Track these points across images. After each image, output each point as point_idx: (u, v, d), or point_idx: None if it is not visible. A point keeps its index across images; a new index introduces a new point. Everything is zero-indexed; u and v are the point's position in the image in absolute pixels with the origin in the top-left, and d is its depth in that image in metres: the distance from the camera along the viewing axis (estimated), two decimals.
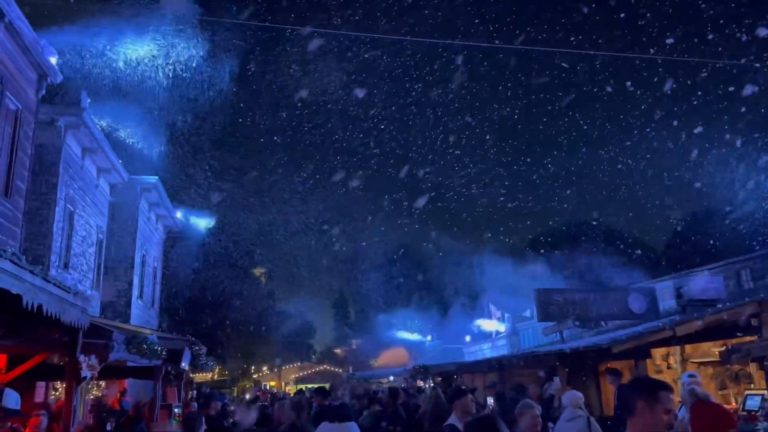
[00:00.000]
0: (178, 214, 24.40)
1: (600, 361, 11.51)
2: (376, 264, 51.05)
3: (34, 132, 11.88)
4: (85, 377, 6.61)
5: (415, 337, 37.76)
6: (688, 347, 12.21)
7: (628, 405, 2.87)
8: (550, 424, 7.40)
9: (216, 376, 35.93)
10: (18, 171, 11.12)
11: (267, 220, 37.52)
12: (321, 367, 52.25)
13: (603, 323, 15.31)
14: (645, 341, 10.86)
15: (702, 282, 13.83)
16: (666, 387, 2.91)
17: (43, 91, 12.21)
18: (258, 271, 42.20)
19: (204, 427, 5.99)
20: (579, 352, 11.28)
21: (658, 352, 12.47)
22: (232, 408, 11.96)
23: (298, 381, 47.92)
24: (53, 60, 12.08)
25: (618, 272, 19.58)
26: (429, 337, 36.04)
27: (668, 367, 12.62)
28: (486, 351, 25.20)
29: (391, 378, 29.85)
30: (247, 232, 35.66)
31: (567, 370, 11.57)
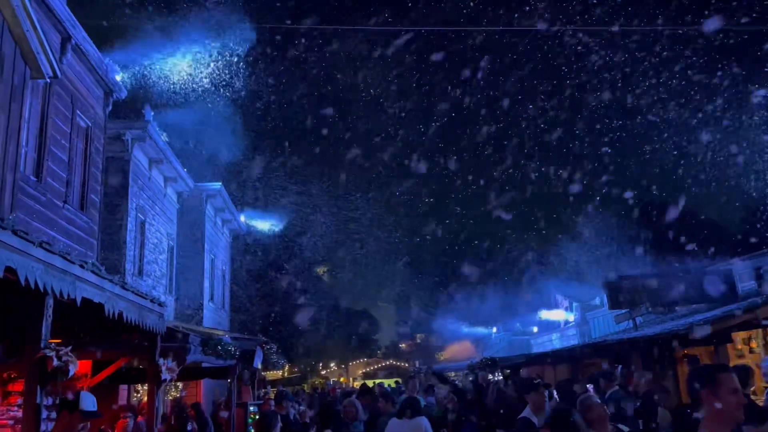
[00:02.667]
0: (243, 218, 25.06)
1: (677, 347, 11.08)
2: (439, 255, 50.89)
3: (103, 147, 12.43)
4: (165, 379, 6.87)
5: (480, 329, 37.44)
6: None
7: (695, 399, 2.82)
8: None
9: (286, 374, 36.73)
10: (91, 185, 11.66)
11: (330, 220, 37.98)
12: (387, 362, 52.57)
13: (677, 308, 14.73)
14: (724, 325, 10.38)
15: None
16: (725, 368, 2.84)
17: (110, 107, 12.76)
18: (321, 270, 42.81)
19: (280, 424, 6.11)
20: (654, 339, 10.90)
21: (738, 336, 11.90)
22: (302, 408, 12.14)
23: (365, 376, 48.38)
24: (118, 77, 12.60)
25: (692, 254, 18.78)
26: (495, 329, 35.65)
27: (750, 351, 12.05)
28: (555, 341, 24.72)
29: (452, 374, 29.67)
30: (311, 232, 36.21)
31: (641, 358, 11.21)
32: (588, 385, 9.73)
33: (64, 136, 10.51)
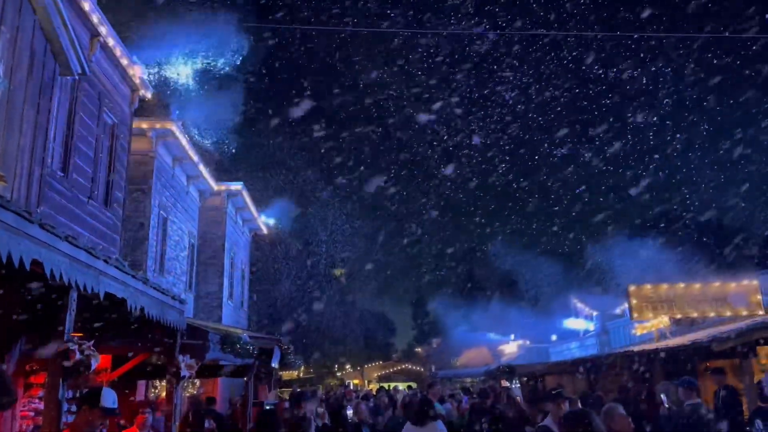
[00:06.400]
0: (263, 218, 25.18)
1: (700, 360, 10.88)
2: (458, 260, 50.67)
3: (129, 144, 12.57)
4: (184, 376, 6.89)
5: (496, 336, 37.13)
6: None
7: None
8: None
9: (302, 374, 36.78)
10: (116, 182, 11.79)
11: (350, 222, 37.97)
12: (403, 366, 52.40)
13: (700, 320, 14.47)
14: (750, 338, 10.18)
15: None
16: None
17: (136, 105, 12.89)
18: (339, 272, 42.87)
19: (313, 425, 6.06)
20: (676, 350, 10.71)
21: (763, 351, 11.66)
22: (320, 410, 12.13)
23: (380, 379, 48.27)
24: (144, 74, 12.73)
25: (717, 265, 18.46)
26: (512, 336, 35.32)
27: None
28: (574, 350, 24.43)
29: (468, 380, 29.48)
30: (330, 235, 36.25)
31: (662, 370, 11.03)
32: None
33: (91, 133, 10.63)
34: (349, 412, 11.11)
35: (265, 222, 25.57)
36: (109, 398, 4.60)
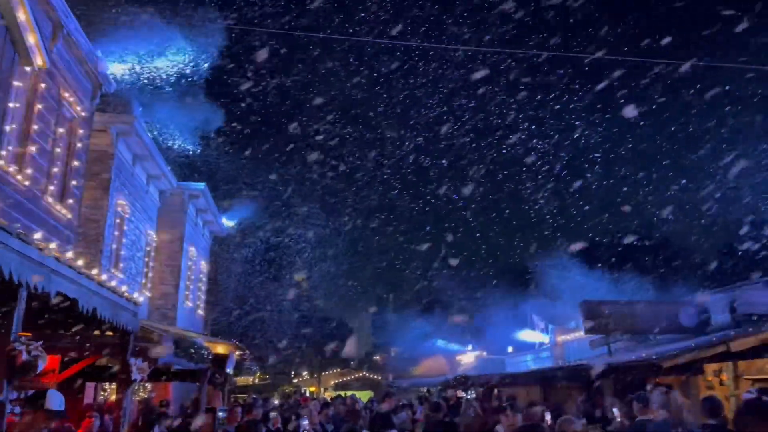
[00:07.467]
0: (225, 221, 24.85)
1: (649, 376, 11.16)
2: (418, 271, 50.88)
3: (88, 139, 12.28)
4: (135, 379, 6.75)
5: (454, 346, 37.41)
6: (741, 363, 11.74)
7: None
8: None
9: (257, 381, 36.33)
10: (73, 177, 11.49)
11: (311, 228, 37.83)
12: (360, 374, 52.24)
13: (652, 337, 14.86)
14: (697, 356, 10.49)
15: (757, 295, 13.29)
16: None
17: (98, 100, 12.62)
18: (300, 278, 42.58)
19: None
20: (627, 366, 10.97)
21: (709, 368, 12.03)
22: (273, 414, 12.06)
23: (338, 387, 48.02)
24: (107, 70, 12.48)
25: (667, 284, 19.00)
26: (470, 347, 35.63)
27: (720, 384, 12.16)
28: (529, 362, 24.77)
29: (424, 389, 29.59)
30: (290, 239, 36.05)
31: (613, 384, 11.27)
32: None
33: (49, 126, 10.36)
34: (305, 423, 11.04)
35: (226, 225, 25.23)
36: (55, 400, 4.48)
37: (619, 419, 9.51)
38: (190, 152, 25.59)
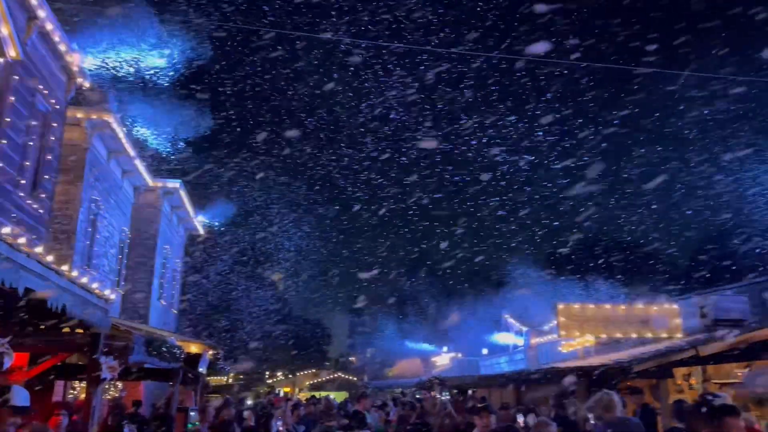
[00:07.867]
0: (200, 218, 24.59)
1: (620, 379, 11.32)
2: (394, 273, 50.96)
3: (62, 133, 12.07)
4: (105, 378, 6.64)
5: (430, 347, 37.56)
6: (710, 368, 11.98)
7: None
8: None
9: (231, 380, 35.95)
10: (45, 171, 11.28)
11: (287, 227, 37.69)
12: (336, 375, 52.12)
13: (624, 341, 15.06)
14: (667, 360, 10.68)
15: (727, 301, 13.56)
16: (734, 412, 2.90)
17: (72, 93, 12.41)
18: (277, 277, 42.36)
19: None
20: (599, 369, 11.10)
21: (679, 372, 12.24)
22: (247, 413, 12.00)
23: (312, 388, 47.85)
24: (83, 63, 12.27)
25: (639, 289, 19.29)
26: (445, 349, 35.80)
27: (690, 388, 12.39)
28: (503, 365, 24.94)
29: (398, 390, 29.67)
30: (266, 238, 35.87)
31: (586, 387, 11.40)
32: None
33: (21, 119, 10.16)
34: (278, 423, 10.98)
35: (201, 222, 24.97)
36: (20, 396, 4.40)
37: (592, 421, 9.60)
38: (167, 149, 25.29)
